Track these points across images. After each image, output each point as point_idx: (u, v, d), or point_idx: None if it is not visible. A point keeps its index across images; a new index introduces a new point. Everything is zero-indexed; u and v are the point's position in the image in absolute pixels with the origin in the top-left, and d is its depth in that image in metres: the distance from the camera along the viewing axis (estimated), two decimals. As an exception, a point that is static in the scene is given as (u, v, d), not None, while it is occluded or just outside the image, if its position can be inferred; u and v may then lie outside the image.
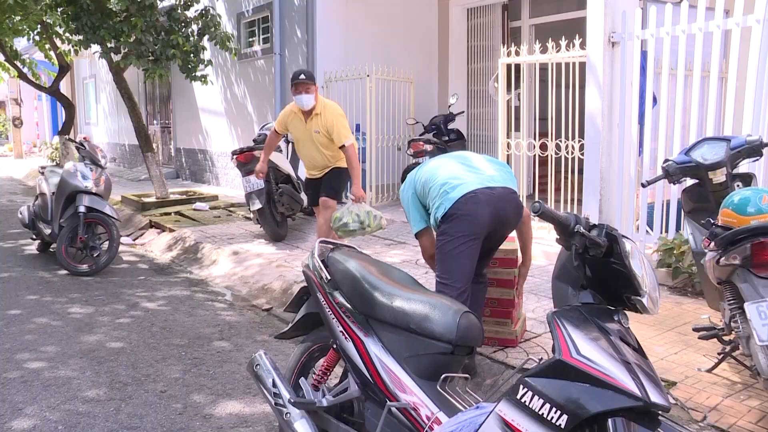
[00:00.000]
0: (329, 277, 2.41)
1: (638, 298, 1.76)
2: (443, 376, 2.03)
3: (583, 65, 5.25)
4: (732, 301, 2.80)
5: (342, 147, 4.96)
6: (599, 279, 1.83)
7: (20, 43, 12.90)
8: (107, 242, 5.96)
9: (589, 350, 1.64)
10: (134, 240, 7.57)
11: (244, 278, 5.52)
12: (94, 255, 5.91)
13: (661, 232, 4.76)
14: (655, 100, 4.88)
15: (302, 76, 4.88)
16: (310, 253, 2.58)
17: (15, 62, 11.53)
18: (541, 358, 1.79)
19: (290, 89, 4.99)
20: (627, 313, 1.85)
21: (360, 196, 4.83)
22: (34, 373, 3.59)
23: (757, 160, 3.45)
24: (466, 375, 2.20)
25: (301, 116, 5.03)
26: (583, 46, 5.28)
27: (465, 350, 2.10)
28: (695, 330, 3.29)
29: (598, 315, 1.76)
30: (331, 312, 2.36)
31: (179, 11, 8.54)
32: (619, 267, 1.77)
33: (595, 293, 1.84)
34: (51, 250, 6.54)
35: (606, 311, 1.79)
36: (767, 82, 4.11)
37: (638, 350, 1.75)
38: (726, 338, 3.07)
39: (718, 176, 3.27)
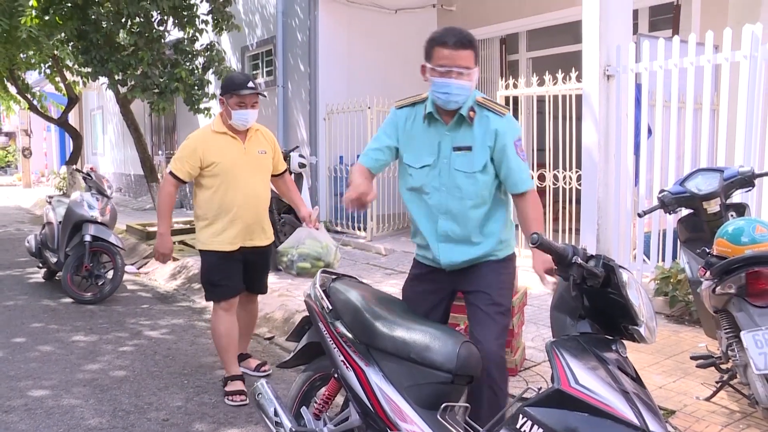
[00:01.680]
0: (330, 307, 2.44)
1: (636, 327, 1.78)
2: (443, 405, 2.05)
3: (579, 97, 5.36)
4: (728, 330, 2.82)
5: (284, 173, 3.95)
6: (596, 309, 1.85)
7: (31, 77, 13.19)
8: (112, 271, 6.03)
9: (587, 380, 1.66)
10: (138, 269, 7.62)
11: (246, 307, 5.56)
12: (99, 283, 5.97)
13: (658, 261, 4.80)
14: (650, 131, 4.97)
15: (251, 84, 3.61)
16: (312, 282, 2.61)
17: (26, 95, 11.78)
18: (540, 388, 1.80)
19: (224, 100, 3.62)
20: (625, 342, 1.88)
21: (315, 218, 3.68)
22: (38, 401, 3.61)
23: (750, 190, 3.51)
24: (467, 404, 2.21)
25: (235, 137, 3.66)
26: (579, 79, 5.40)
27: (465, 379, 2.12)
28: (693, 358, 3.32)
29: (597, 345, 1.78)
30: (332, 341, 2.39)
31: (185, 44, 8.74)
32: (617, 297, 1.79)
33: (592, 323, 1.86)
34: (57, 278, 6.59)
35: (604, 341, 1.81)
36: (757, 115, 4.21)
37: (636, 379, 1.76)
38: (723, 366, 3.10)
39: (713, 206, 3.30)
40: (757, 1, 5.74)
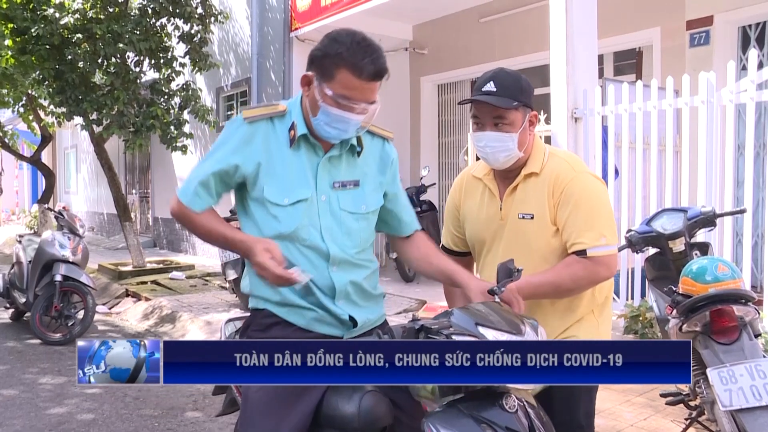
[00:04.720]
0: None
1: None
2: None
3: (548, 139, 5.49)
4: (695, 367, 2.85)
5: (586, 257, 2.02)
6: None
7: (3, 115, 13.10)
8: (82, 311, 5.92)
9: None
10: (110, 308, 7.50)
11: (219, 347, 5.49)
12: (69, 324, 5.85)
13: (627, 300, 4.89)
14: (616, 172, 5.11)
15: (489, 86, 2.07)
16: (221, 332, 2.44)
17: (-2, 132, 11.68)
18: None
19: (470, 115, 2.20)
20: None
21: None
22: (1, 447, 3.52)
23: (712, 229, 3.59)
24: None
25: (493, 186, 2.23)
26: (548, 120, 5.56)
27: (376, 430, 1.91)
28: (663, 396, 3.35)
29: (478, 407, 1.62)
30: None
31: (161, 84, 8.81)
32: None
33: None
34: (24, 318, 6.45)
35: (488, 398, 1.63)
36: (716, 156, 4.39)
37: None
38: (692, 403, 3.14)
39: (678, 245, 3.33)
40: (709, 50, 6.03)
